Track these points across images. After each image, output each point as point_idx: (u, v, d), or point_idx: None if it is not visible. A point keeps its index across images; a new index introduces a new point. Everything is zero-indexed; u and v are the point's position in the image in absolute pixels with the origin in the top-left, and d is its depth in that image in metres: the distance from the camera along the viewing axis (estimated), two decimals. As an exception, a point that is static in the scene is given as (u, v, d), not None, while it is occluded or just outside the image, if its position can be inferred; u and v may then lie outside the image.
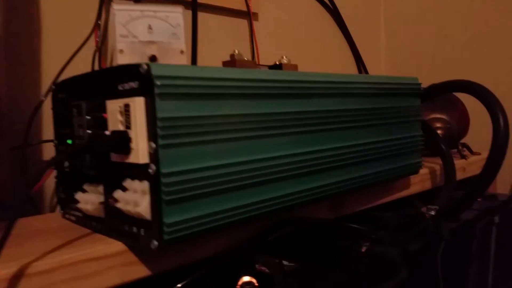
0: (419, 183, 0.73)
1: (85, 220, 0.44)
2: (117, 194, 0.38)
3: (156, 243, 0.35)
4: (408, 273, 0.49)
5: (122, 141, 0.36)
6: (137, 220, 0.37)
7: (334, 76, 0.51)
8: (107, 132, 0.39)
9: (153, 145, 0.35)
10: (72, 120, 0.43)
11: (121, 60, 0.50)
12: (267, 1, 1.05)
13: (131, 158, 0.36)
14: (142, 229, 0.36)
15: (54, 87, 0.48)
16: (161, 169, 0.35)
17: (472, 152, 0.92)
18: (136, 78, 0.36)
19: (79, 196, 0.43)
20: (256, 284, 0.42)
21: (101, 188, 0.41)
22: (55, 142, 0.49)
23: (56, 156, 0.41)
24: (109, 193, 0.39)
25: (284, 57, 0.61)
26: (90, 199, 0.41)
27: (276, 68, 0.59)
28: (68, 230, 0.43)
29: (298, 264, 0.50)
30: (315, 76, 0.49)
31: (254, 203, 0.42)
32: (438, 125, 0.90)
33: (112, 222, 0.40)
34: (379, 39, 1.41)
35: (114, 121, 0.38)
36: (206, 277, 0.42)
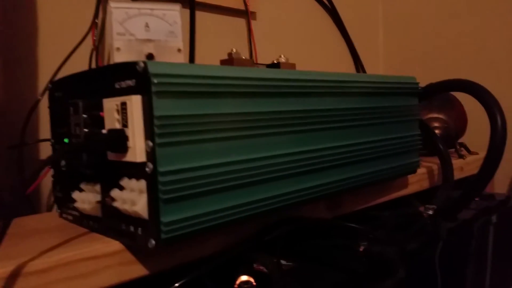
0: (417, 183, 0.73)
1: (82, 219, 0.44)
2: (114, 193, 0.38)
3: (154, 242, 0.35)
4: (406, 273, 0.49)
5: (119, 140, 0.36)
6: (134, 219, 0.36)
7: (332, 75, 0.51)
8: (104, 131, 0.38)
9: (150, 144, 0.35)
10: (69, 119, 0.43)
11: (118, 58, 0.50)
12: (265, 0, 1.05)
13: (128, 157, 0.36)
14: (140, 228, 0.36)
15: (51, 86, 0.48)
16: (158, 168, 0.35)
17: (470, 152, 0.92)
18: (133, 76, 0.36)
19: (76, 195, 0.43)
20: (254, 284, 0.42)
21: (98, 187, 0.41)
22: (52, 141, 0.48)
23: (53, 155, 0.41)
24: (106, 192, 0.39)
25: (282, 56, 0.61)
26: (87, 198, 0.41)
27: (274, 67, 0.59)
28: (65, 229, 0.43)
29: (296, 264, 0.50)
30: (313, 75, 0.49)
31: (252, 202, 0.42)
32: (436, 125, 0.90)
33: (109, 221, 0.40)
34: (377, 39, 1.41)
35: (111, 120, 0.37)
36: (204, 277, 0.42)
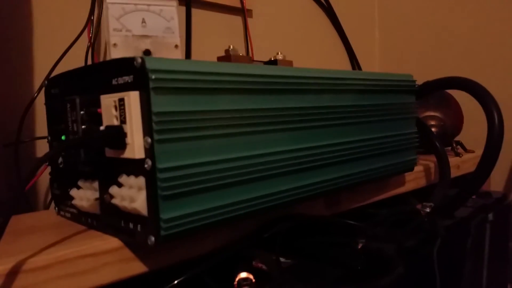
0: (414, 181, 0.74)
1: (81, 217, 0.43)
2: (113, 190, 0.37)
3: (153, 239, 0.35)
4: (405, 269, 0.49)
5: (117, 136, 0.36)
6: (134, 216, 0.36)
7: (330, 72, 0.51)
8: (102, 128, 0.38)
9: (149, 140, 0.34)
10: (66, 116, 0.43)
11: (115, 54, 0.49)
12: (261, -2, 1.05)
13: (127, 154, 0.36)
14: (139, 225, 0.36)
15: (47, 83, 0.47)
16: (157, 164, 0.34)
17: (466, 150, 0.93)
18: (131, 72, 0.35)
19: (74, 193, 0.42)
20: (253, 280, 0.41)
21: (96, 184, 0.40)
22: (49, 139, 0.48)
23: (51, 152, 0.41)
24: (105, 189, 0.39)
25: (279, 53, 0.61)
26: (85, 196, 0.41)
27: (272, 64, 0.59)
28: (63, 227, 0.43)
29: (295, 261, 0.50)
30: (311, 72, 0.48)
31: (250, 199, 0.42)
32: (432, 123, 0.90)
33: (108, 218, 0.39)
34: (373, 37, 1.41)
35: (109, 116, 0.37)
36: (203, 274, 0.42)
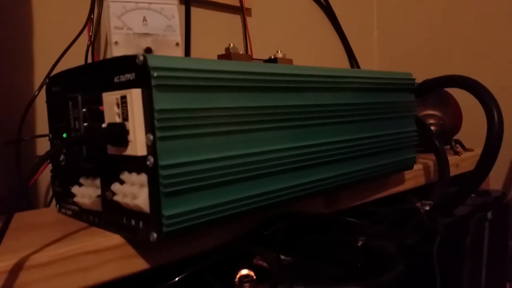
0: (413, 179, 0.74)
1: (82, 214, 0.43)
2: (115, 187, 0.37)
3: (155, 236, 0.35)
4: (405, 267, 0.49)
5: (119, 133, 0.36)
6: (136, 213, 0.36)
7: (330, 70, 0.51)
8: (104, 125, 0.38)
9: (151, 137, 0.35)
10: (68, 113, 0.43)
11: (116, 52, 0.49)
12: (260, -3, 1.05)
13: (129, 151, 0.36)
14: (141, 222, 0.36)
15: (48, 81, 0.48)
16: (159, 161, 0.34)
17: (465, 149, 0.93)
18: (133, 70, 0.35)
19: (76, 190, 0.42)
20: (254, 277, 0.42)
21: (98, 182, 0.40)
22: (50, 136, 0.48)
23: (53, 148, 0.41)
24: (106, 187, 0.39)
25: (279, 52, 0.61)
26: (87, 193, 0.41)
27: (272, 62, 0.59)
28: (65, 224, 0.43)
29: (295, 258, 0.50)
30: (311, 70, 0.49)
31: (251, 197, 0.42)
32: (431, 122, 0.90)
33: (110, 216, 0.39)
34: (372, 35, 1.41)
35: (111, 114, 0.37)
36: (204, 271, 0.42)
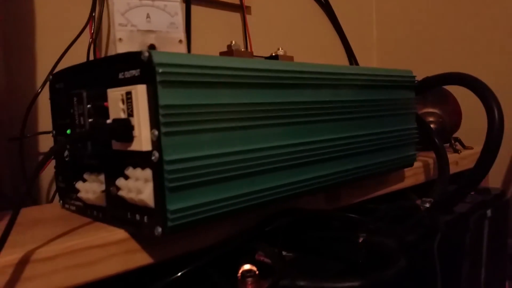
0: (413, 176, 0.74)
1: (86, 209, 0.44)
2: (120, 182, 0.38)
3: (160, 230, 0.35)
4: (406, 263, 0.49)
5: (125, 129, 0.36)
6: (140, 208, 0.37)
7: (331, 67, 0.51)
8: (109, 121, 0.38)
9: (156, 133, 0.35)
10: (72, 110, 0.43)
11: (120, 49, 0.49)
12: (260, -5, 1.05)
13: (134, 146, 0.36)
14: (145, 217, 0.36)
15: (52, 77, 0.48)
16: (164, 157, 0.35)
17: (465, 146, 0.93)
18: (138, 66, 0.36)
19: (80, 186, 0.43)
20: (257, 272, 0.42)
21: (102, 177, 0.41)
22: (53, 133, 0.48)
23: (58, 144, 0.41)
24: (111, 182, 0.39)
25: (280, 49, 0.62)
26: (91, 188, 0.41)
27: (273, 59, 0.59)
28: (69, 219, 0.43)
29: (297, 254, 0.50)
30: (312, 67, 0.49)
31: (252, 193, 0.42)
32: (431, 119, 0.91)
33: (114, 211, 0.40)
34: (371, 33, 1.41)
35: (116, 110, 0.37)
36: (207, 266, 0.42)
